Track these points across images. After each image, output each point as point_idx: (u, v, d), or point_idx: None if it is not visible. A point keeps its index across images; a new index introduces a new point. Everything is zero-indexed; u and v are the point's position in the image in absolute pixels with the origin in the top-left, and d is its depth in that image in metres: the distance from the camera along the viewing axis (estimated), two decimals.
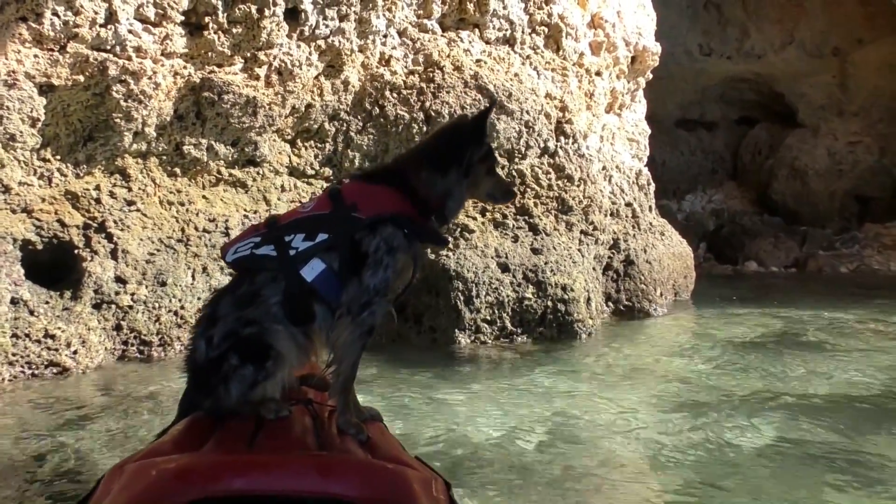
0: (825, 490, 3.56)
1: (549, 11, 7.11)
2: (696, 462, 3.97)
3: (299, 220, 2.39)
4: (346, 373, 2.30)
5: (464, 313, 6.26)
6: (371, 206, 2.33)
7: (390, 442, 2.28)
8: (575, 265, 6.61)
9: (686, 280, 8.75)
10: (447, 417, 4.88)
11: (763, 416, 4.62)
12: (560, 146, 7.01)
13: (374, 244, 2.30)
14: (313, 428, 2.21)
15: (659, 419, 4.76)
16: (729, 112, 17.08)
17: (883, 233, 14.76)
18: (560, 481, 3.76)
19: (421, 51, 6.65)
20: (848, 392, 5.14)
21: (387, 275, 2.30)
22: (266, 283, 2.31)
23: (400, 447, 2.27)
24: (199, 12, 5.52)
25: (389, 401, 5.23)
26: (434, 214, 2.43)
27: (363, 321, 2.28)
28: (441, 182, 2.41)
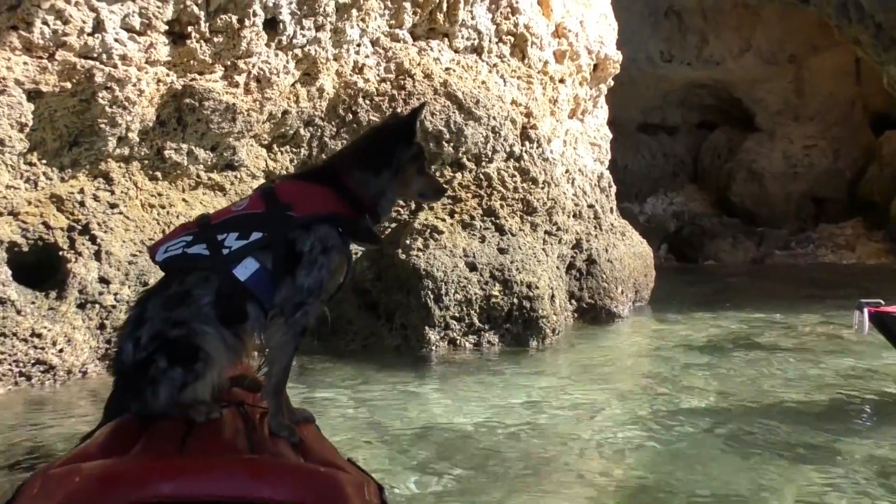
0: (765, 472, 4.02)
1: (515, 21, 7.53)
2: (654, 451, 4.43)
3: (233, 219, 2.38)
4: (279, 374, 2.28)
5: (434, 311, 6.64)
6: (306, 205, 2.33)
7: (323, 444, 2.27)
8: (539, 264, 7.04)
9: (646, 279, 9.23)
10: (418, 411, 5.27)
11: (717, 412, 5.11)
12: (525, 150, 7.43)
13: (308, 243, 2.30)
14: (245, 430, 2.19)
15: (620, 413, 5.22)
16: (689, 117, 17.72)
17: (836, 233, 15.49)
18: (525, 468, 4.18)
19: (393, 59, 7.02)
20: (793, 389, 5.64)
21: (321, 274, 2.30)
22: (197, 283, 2.29)
23: (333, 450, 2.26)
24: (182, 22, 5.83)
25: (362, 396, 5.60)
26: (367, 213, 2.44)
27: (296, 322, 2.28)
28: (374, 182, 2.43)
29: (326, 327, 6.01)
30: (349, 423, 4.97)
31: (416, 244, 6.78)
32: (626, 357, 7.12)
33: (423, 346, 6.62)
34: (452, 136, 7.10)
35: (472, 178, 7.27)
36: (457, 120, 7.10)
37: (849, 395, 5.46)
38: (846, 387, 5.66)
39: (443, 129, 7.06)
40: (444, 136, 7.08)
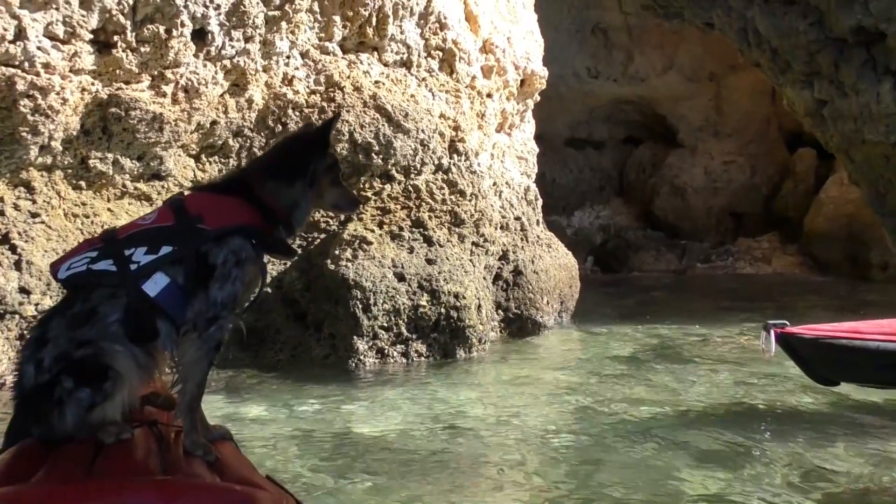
0: (679, 473, 4.29)
1: (443, 37, 7.73)
2: (575, 456, 4.68)
3: (140, 233, 2.31)
4: (193, 391, 2.25)
5: (362, 320, 6.75)
6: (218, 217, 2.30)
7: (241, 462, 2.23)
8: (466, 274, 7.21)
9: (571, 290, 9.49)
10: (344, 420, 5.38)
11: (635, 419, 5.39)
12: (453, 163, 7.61)
13: (221, 256, 2.26)
14: (158, 450, 2.14)
15: (543, 421, 5.46)
16: (615, 132, 18.24)
17: (754, 246, 16.15)
18: (447, 473, 4.35)
19: (322, 72, 7.13)
20: (706, 397, 5.97)
21: (235, 288, 2.27)
22: (103, 300, 2.22)
23: (251, 467, 2.24)
24: (107, 31, 5.83)
25: (289, 407, 5.67)
26: (281, 224, 2.42)
27: (210, 337, 2.24)
28: (287, 192, 2.41)
29: (242, 339, 6.09)
30: (275, 434, 5.03)
31: (344, 255, 6.87)
32: (551, 367, 7.35)
33: (352, 355, 6.71)
34: (382, 148, 7.23)
35: (401, 190, 7.41)
36: (386, 132, 7.24)
37: (756, 402, 5.81)
38: (754, 394, 6.00)
39: (372, 141, 7.19)
40: (373, 148, 7.20)
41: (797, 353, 5.61)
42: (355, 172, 7.26)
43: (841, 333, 5.63)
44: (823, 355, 5.55)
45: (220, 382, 6.32)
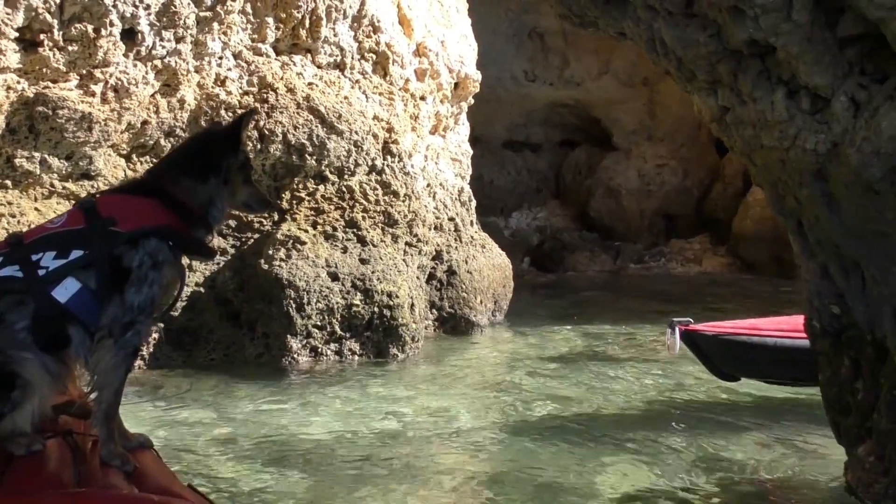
0: (601, 465, 4.55)
1: (377, 40, 7.85)
2: (503, 451, 4.95)
3: (48, 237, 2.23)
4: (109, 400, 2.18)
5: (296, 319, 6.83)
6: (131, 219, 2.24)
7: (161, 471, 2.19)
8: (400, 274, 7.35)
9: (505, 289, 9.70)
10: (277, 420, 5.48)
11: (562, 416, 5.66)
12: (387, 164, 7.74)
13: (137, 259, 2.21)
14: (72, 462, 2.07)
15: (473, 417, 5.68)
16: (552, 135, 18.55)
17: (686, 247, 16.61)
18: (379, 469, 4.54)
19: (255, 73, 7.19)
20: (630, 395, 6.27)
21: (152, 291, 2.22)
22: (10, 307, 2.14)
23: (172, 476, 2.20)
24: (33, 29, 5.81)
25: (221, 407, 5.74)
26: (198, 224, 2.39)
27: (126, 342, 2.19)
28: (201, 190, 2.37)
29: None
30: (207, 436, 5.10)
31: (278, 254, 6.94)
32: (483, 365, 7.54)
33: (285, 354, 6.79)
34: (315, 149, 7.32)
35: (335, 191, 7.51)
36: (319, 134, 7.33)
37: (675, 398, 6.11)
38: (674, 391, 6.29)
39: (305, 142, 7.27)
40: (306, 149, 7.29)
41: (700, 349, 5.82)
42: (289, 173, 7.33)
43: (741, 330, 5.85)
44: (724, 351, 5.75)
45: (151, 384, 6.34)
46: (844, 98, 3.07)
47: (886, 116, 2.96)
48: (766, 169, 3.66)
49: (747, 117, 3.46)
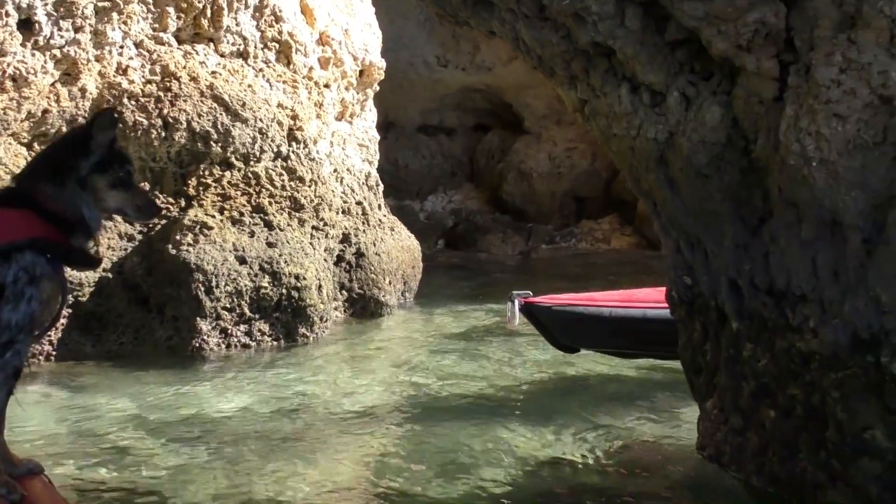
0: (499, 435, 4.96)
1: (279, 29, 8.07)
2: (410, 426, 5.27)
3: None
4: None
5: (205, 302, 7.05)
6: (1, 232, 2.14)
7: (52, 498, 2.14)
8: (307, 256, 7.64)
9: (414, 270, 10.07)
10: (187, 401, 5.73)
11: (466, 392, 6.03)
12: (292, 151, 8.00)
13: (11, 275, 2.11)
14: None
15: (380, 394, 6.02)
16: (465, 119, 18.98)
17: (595, 228, 17.28)
18: (288, 445, 4.82)
19: (158, 62, 7.33)
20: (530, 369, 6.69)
21: (31, 308, 2.13)
22: None
23: (62, 502, 2.17)
24: None
25: (132, 392, 5.93)
26: (76, 232, 2.29)
27: (6, 363, 2.11)
28: (62, 196, 2.26)
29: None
30: (120, 419, 5.30)
31: (186, 239, 7.14)
32: (390, 345, 7.90)
33: (195, 336, 7.01)
34: (220, 136, 7.52)
35: (241, 177, 7.73)
36: (224, 121, 7.53)
37: (570, 373, 6.52)
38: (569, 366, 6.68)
39: (210, 129, 7.47)
40: (211, 136, 7.48)
41: (539, 321, 5.95)
42: (194, 160, 7.52)
43: (577, 302, 6.01)
44: (561, 323, 5.89)
45: (61, 372, 6.48)
46: (676, 93, 3.53)
47: (709, 110, 3.42)
48: (621, 155, 4.10)
49: (601, 109, 3.89)
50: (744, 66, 3.16)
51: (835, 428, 3.29)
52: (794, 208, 3.23)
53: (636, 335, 5.84)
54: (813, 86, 2.92)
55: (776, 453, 3.71)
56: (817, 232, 3.20)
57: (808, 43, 2.95)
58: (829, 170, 2.96)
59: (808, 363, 3.43)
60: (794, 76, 3.02)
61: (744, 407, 3.94)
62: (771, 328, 3.67)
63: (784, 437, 3.65)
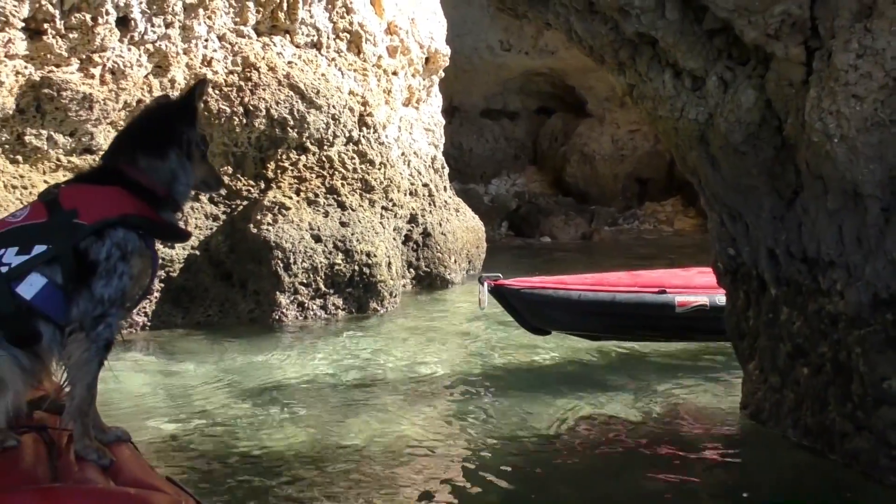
0: (568, 399, 5.32)
1: (350, 20, 8.60)
2: (468, 395, 5.68)
3: (10, 233, 2.20)
4: (82, 394, 2.18)
5: (283, 278, 7.66)
6: (94, 209, 2.20)
7: (138, 464, 2.18)
8: (377, 235, 8.18)
9: (478, 250, 10.55)
10: (269, 368, 6.30)
11: (520, 364, 6.40)
12: (363, 135, 8.53)
13: (104, 251, 2.18)
14: (47, 458, 2.06)
15: (442, 363, 6.48)
16: (528, 103, 19.30)
17: (658, 210, 17.48)
18: (360, 406, 5.34)
19: (239, 53, 7.93)
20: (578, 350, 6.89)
21: (122, 283, 2.19)
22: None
23: (149, 469, 2.20)
24: (38, 19, 6.54)
25: (218, 359, 6.53)
26: (165, 205, 2.34)
27: (98, 336, 2.17)
28: (163, 166, 2.31)
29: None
30: (208, 382, 5.90)
31: (266, 219, 7.75)
32: (456, 318, 8.38)
33: (275, 308, 7.63)
34: (296, 122, 8.09)
35: (316, 161, 8.30)
36: (300, 108, 8.10)
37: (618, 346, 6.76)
38: None
39: (287, 116, 8.05)
40: (288, 122, 8.06)
41: (510, 304, 6.08)
42: (273, 145, 8.11)
43: (547, 285, 6.16)
44: (531, 306, 6.03)
45: (154, 339, 7.16)
46: (715, 78, 3.90)
47: (744, 93, 3.79)
48: (666, 135, 4.49)
49: (647, 93, 4.28)
50: (774, 52, 3.52)
51: (858, 381, 3.64)
52: (821, 181, 3.59)
53: (604, 318, 6.04)
54: (833, 70, 3.27)
55: (809, 408, 4.08)
56: (842, 202, 3.55)
57: (829, 31, 3.30)
58: (850, 146, 3.32)
59: (836, 323, 3.79)
60: (818, 61, 3.38)
61: (781, 367, 4.31)
62: (805, 293, 4.03)
63: (815, 392, 4.01)
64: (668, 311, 6.04)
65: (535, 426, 4.88)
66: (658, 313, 6.09)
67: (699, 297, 6.06)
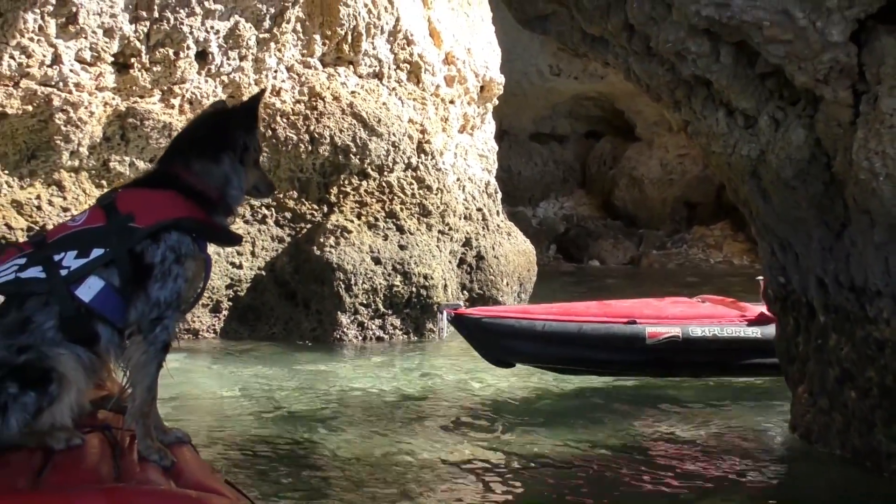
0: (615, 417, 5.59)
1: (410, 52, 9.03)
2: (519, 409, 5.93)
3: (69, 236, 2.27)
4: (143, 396, 2.22)
5: (344, 298, 8.06)
6: (149, 213, 2.25)
7: (199, 466, 2.22)
8: (434, 258, 8.55)
9: (529, 273, 10.83)
10: (329, 382, 6.65)
11: (570, 383, 6.54)
12: (421, 162, 8.93)
13: (159, 254, 2.23)
14: (111, 457, 2.10)
15: (495, 380, 6.71)
16: (577, 126, 19.61)
17: (707, 234, 17.59)
18: (412, 420, 5.63)
19: (305, 83, 8.40)
20: None
21: (177, 286, 2.24)
22: (37, 308, 2.19)
23: (209, 471, 2.23)
24: (126, 54, 7.07)
25: (282, 371, 6.91)
26: (218, 209, 2.38)
27: (156, 338, 2.22)
28: (216, 171, 2.35)
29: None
30: (274, 389, 6.28)
31: (328, 242, 8.17)
32: None
33: (336, 327, 8.02)
34: (358, 149, 8.52)
35: (376, 186, 8.71)
36: (362, 136, 8.53)
37: None
38: None
39: (350, 143, 8.48)
40: (351, 149, 8.49)
41: (471, 334, 5.83)
42: (336, 171, 8.55)
43: (509, 314, 5.99)
44: (493, 336, 5.77)
45: (224, 350, 7.60)
46: (767, 117, 4.19)
47: (795, 132, 4.08)
48: (720, 168, 4.78)
49: (701, 129, 4.58)
50: (823, 95, 3.81)
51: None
52: (868, 216, 3.85)
53: (570, 349, 5.80)
54: (879, 113, 3.54)
55: (856, 429, 4.32)
56: (888, 236, 3.80)
57: (875, 77, 3.58)
58: (894, 183, 3.58)
59: (883, 349, 4.03)
60: (865, 104, 3.66)
61: (829, 390, 4.55)
62: (853, 320, 4.28)
63: (863, 414, 4.25)
64: (639, 342, 5.82)
65: (591, 447, 5.07)
66: (627, 345, 5.86)
67: (671, 328, 5.85)
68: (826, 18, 3.44)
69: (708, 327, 5.97)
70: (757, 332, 5.97)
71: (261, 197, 3.03)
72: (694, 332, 5.81)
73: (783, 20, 3.53)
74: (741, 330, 6.01)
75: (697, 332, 5.91)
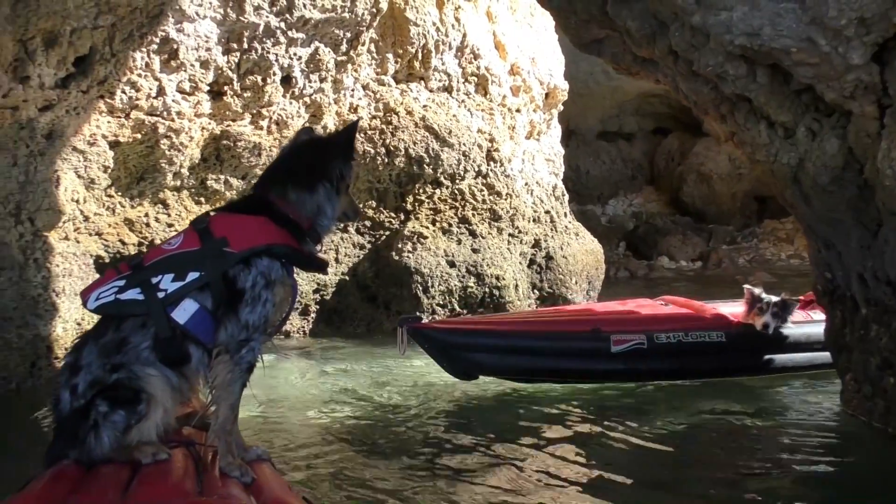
0: (683, 407, 6.06)
1: (477, 65, 9.61)
2: (587, 405, 6.09)
3: (166, 260, 2.34)
4: (226, 414, 2.29)
5: (422, 300, 8.69)
6: (242, 238, 2.32)
7: (277, 483, 2.27)
8: (505, 260, 9.11)
9: (598, 272, 11.29)
10: (410, 375, 7.21)
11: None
12: (490, 169, 9.50)
13: (250, 279, 2.29)
14: (194, 472, 2.18)
15: None
16: (644, 124, 19.86)
17: (778, 227, 17.62)
18: (487, 412, 5.99)
19: (380, 100, 9.06)
20: None
21: (265, 310, 2.31)
22: (134, 329, 2.28)
23: (287, 488, 2.28)
24: (219, 83, 7.82)
25: (369, 367, 7.52)
26: (308, 236, 2.44)
27: (242, 359, 2.29)
28: (310, 200, 2.42)
29: None
30: (353, 387, 6.83)
31: (406, 247, 8.82)
32: None
33: None
34: (431, 160, 9.14)
35: (449, 194, 9.32)
36: (434, 147, 9.15)
37: None
38: None
39: (423, 154, 9.11)
40: (424, 160, 9.12)
41: (431, 347, 5.70)
42: (411, 181, 9.19)
43: (469, 326, 5.92)
44: (453, 349, 5.68)
45: (313, 347, 8.28)
46: (804, 129, 4.63)
47: (829, 141, 4.51)
48: (766, 176, 5.22)
49: (746, 140, 5.03)
50: (851, 110, 4.24)
51: None
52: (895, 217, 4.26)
53: (534, 359, 5.70)
54: None
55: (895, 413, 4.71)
56: None
57: None
58: None
59: None
60: (888, 117, 4.08)
61: (872, 377, 4.95)
62: (890, 312, 4.68)
63: None
64: (604, 350, 5.78)
65: (657, 428, 5.48)
66: (592, 354, 5.81)
67: (636, 335, 5.80)
68: (846, 45, 3.88)
69: (672, 332, 5.91)
70: (720, 335, 6.00)
71: (349, 221, 3.25)
72: (659, 338, 5.77)
73: (808, 47, 3.98)
74: (706, 334, 5.98)
75: (662, 338, 5.87)
